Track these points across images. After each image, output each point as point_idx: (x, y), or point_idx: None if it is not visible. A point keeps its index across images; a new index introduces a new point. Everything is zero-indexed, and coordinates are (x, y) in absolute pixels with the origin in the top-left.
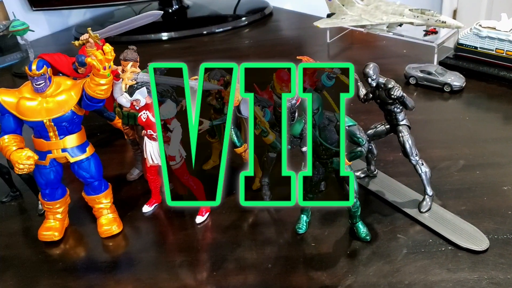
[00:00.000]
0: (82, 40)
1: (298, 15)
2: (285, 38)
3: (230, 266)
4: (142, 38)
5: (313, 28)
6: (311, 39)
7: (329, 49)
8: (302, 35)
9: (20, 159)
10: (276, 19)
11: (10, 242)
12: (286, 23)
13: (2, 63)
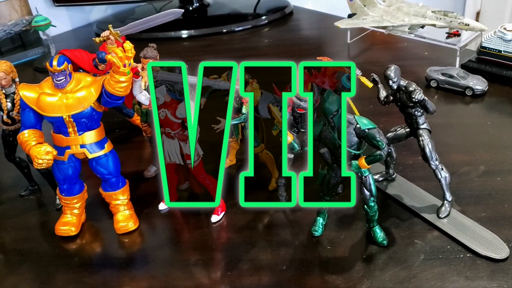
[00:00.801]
0: (103, 37)
1: (318, 14)
2: (305, 38)
3: (245, 266)
4: (162, 36)
5: (333, 28)
6: (331, 39)
7: (349, 49)
8: (323, 35)
9: (39, 154)
10: (297, 18)
11: (27, 236)
12: (306, 23)
13: (24, 57)
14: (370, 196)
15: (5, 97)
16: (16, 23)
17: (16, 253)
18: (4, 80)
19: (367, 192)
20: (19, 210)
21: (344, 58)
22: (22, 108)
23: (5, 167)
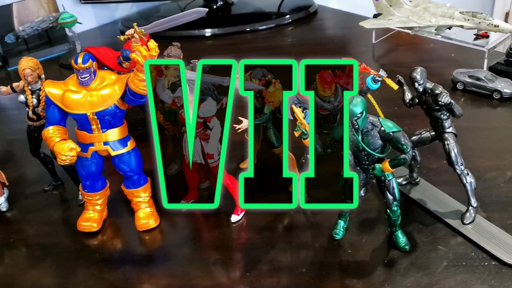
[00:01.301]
0: (128, 35)
1: (343, 14)
2: (329, 37)
3: (264, 267)
4: (186, 34)
5: (358, 28)
6: (356, 39)
7: (374, 50)
8: (347, 34)
9: (63, 150)
10: (321, 17)
11: (50, 231)
12: (330, 22)
13: (50, 54)
14: (393, 201)
15: (31, 93)
16: (43, 19)
17: (39, 247)
18: (30, 77)
19: (390, 196)
20: (42, 205)
21: (368, 58)
22: (47, 104)
23: (29, 162)
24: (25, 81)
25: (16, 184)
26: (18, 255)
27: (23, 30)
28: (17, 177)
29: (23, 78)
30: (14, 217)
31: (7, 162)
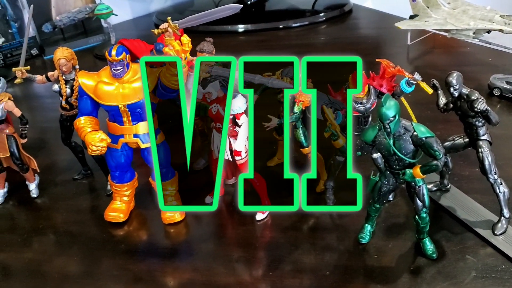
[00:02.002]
0: (162, 29)
1: (378, 14)
2: (363, 37)
3: (287, 268)
4: (219, 29)
5: (393, 28)
6: (390, 40)
7: (408, 51)
8: (381, 35)
9: (93, 141)
10: (355, 16)
11: (78, 219)
12: (365, 22)
13: (85, 44)
14: (423, 207)
15: (65, 83)
16: (80, 10)
17: (66, 234)
18: (65, 67)
19: (420, 203)
20: (71, 193)
21: (402, 60)
22: (80, 95)
23: (61, 150)
24: (60, 71)
25: (47, 171)
26: (46, 241)
27: (60, 20)
28: (48, 165)
29: (58, 68)
30: (44, 204)
31: (40, 150)
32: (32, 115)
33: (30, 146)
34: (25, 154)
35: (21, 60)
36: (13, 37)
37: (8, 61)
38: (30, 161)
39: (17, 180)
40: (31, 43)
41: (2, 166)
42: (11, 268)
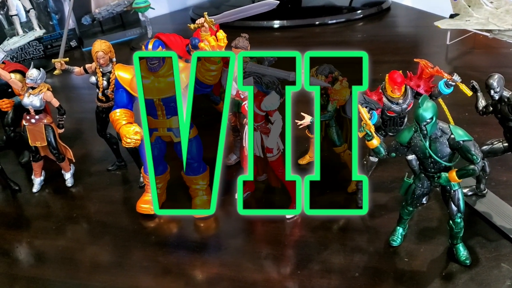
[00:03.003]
0: (198, 24)
1: (417, 12)
2: (400, 36)
3: (315, 267)
4: (254, 25)
5: (432, 27)
6: (429, 39)
7: (447, 51)
8: (420, 34)
9: (128, 133)
10: (394, 14)
11: (110, 209)
12: (403, 20)
13: (122, 37)
14: (457, 212)
15: (102, 75)
16: (118, 3)
17: (99, 224)
18: (102, 59)
19: (455, 208)
20: (105, 184)
21: (441, 60)
22: (116, 87)
23: (96, 141)
24: (97, 63)
25: (82, 161)
26: (79, 230)
27: (99, 12)
28: (84, 155)
29: (95, 60)
30: (78, 193)
31: (75, 140)
32: (70, 106)
33: (67, 136)
34: (62, 144)
35: (60, 52)
36: (53, 28)
37: (48, 52)
38: (66, 151)
39: (53, 169)
40: (71, 35)
41: (39, 155)
42: (45, 255)
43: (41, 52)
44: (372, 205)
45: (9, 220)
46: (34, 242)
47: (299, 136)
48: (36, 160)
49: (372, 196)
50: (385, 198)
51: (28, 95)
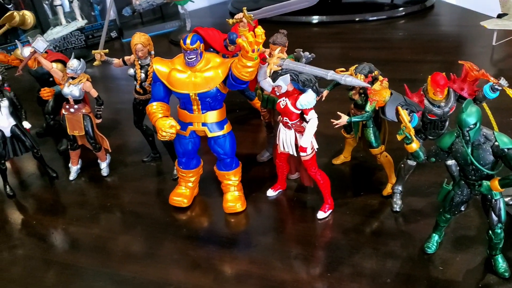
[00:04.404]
0: (236, 18)
1: (462, 10)
2: (444, 35)
3: (346, 270)
4: (293, 20)
5: (478, 27)
6: (473, 39)
7: (493, 52)
8: (464, 33)
9: (164, 126)
10: (437, 12)
11: (144, 200)
12: (447, 18)
13: (161, 29)
14: (498, 222)
15: (140, 68)
16: None
17: (132, 215)
18: (141, 52)
19: (495, 217)
20: (139, 175)
21: (485, 61)
22: (153, 81)
23: (132, 132)
24: (136, 56)
25: (118, 151)
26: (112, 219)
27: (140, 4)
28: (120, 145)
29: (134, 53)
30: (113, 183)
31: (112, 130)
32: (108, 96)
33: (104, 126)
34: (99, 133)
35: (100, 43)
36: (95, 19)
37: (89, 42)
38: (103, 141)
39: (90, 158)
40: (111, 25)
41: (76, 144)
42: (79, 242)
43: (82, 42)
44: (408, 209)
45: (46, 206)
46: (69, 229)
47: (333, 135)
48: (73, 148)
49: (408, 200)
50: (422, 203)
51: (68, 84)
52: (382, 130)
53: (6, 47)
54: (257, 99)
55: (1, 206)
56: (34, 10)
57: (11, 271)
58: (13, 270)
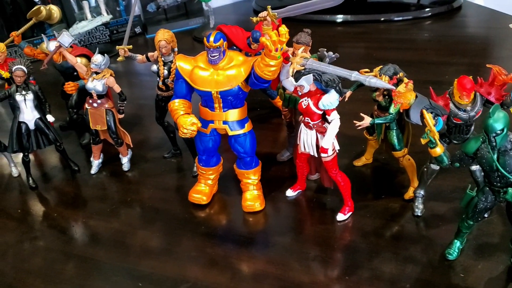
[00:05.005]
0: (260, 17)
1: (490, 12)
2: (470, 37)
3: (365, 274)
4: (317, 18)
5: (506, 29)
6: (501, 42)
7: None
8: (492, 35)
9: (185, 123)
10: (464, 14)
11: (163, 196)
12: (474, 20)
13: (185, 26)
14: None
15: (163, 64)
16: None
17: (152, 210)
18: (164, 49)
19: None
20: (160, 171)
21: None
22: (176, 78)
23: (154, 128)
24: (159, 52)
25: (139, 147)
26: (132, 214)
27: (164, 0)
28: (141, 141)
29: (158, 49)
30: (133, 178)
31: (134, 125)
32: (131, 91)
33: (126, 121)
34: (121, 128)
35: (125, 39)
36: (120, 14)
37: (113, 37)
38: (125, 136)
39: (111, 153)
40: (136, 21)
41: (99, 138)
42: (98, 236)
43: (107, 37)
44: (429, 214)
45: (67, 199)
46: (89, 222)
47: (355, 136)
48: (95, 143)
49: (430, 205)
50: (444, 208)
51: (92, 79)
52: (406, 133)
53: (32, 40)
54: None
55: (24, 198)
56: (61, 5)
57: (31, 262)
58: (33, 261)
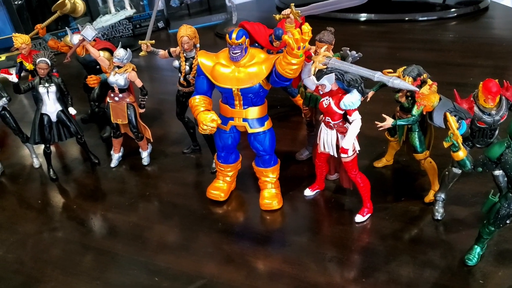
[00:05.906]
0: (283, 14)
1: None
2: (497, 38)
3: (382, 277)
4: (340, 16)
5: None
6: None
7: None
8: None
9: (205, 120)
10: (491, 15)
11: (181, 191)
12: (502, 21)
13: (207, 21)
14: None
15: (185, 60)
16: None
17: (170, 205)
18: (186, 44)
19: None
20: (179, 166)
21: None
22: (197, 74)
23: (174, 123)
24: (181, 48)
25: (159, 142)
26: (150, 209)
27: None
28: (161, 136)
29: (180, 45)
30: (152, 172)
31: (155, 120)
32: (152, 86)
33: (147, 116)
34: (142, 123)
35: (147, 33)
36: (143, 8)
37: (136, 31)
38: (145, 130)
39: (132, 147)
40: (159, 16)
41: (119, 132)
42: (116, 229)
43: (130, 31)
44: (449, 218)
45: (87, 192)
46: (107, 215)
47: (376, 137)
48: (116, 136)
49: (451, 209)
50: (464, 212)
51: (114, 73)
52: (428, 135)
53: (56, 33)
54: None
55: (45, 189)
56: None
57: (50, 253)
58: (52, 251)
